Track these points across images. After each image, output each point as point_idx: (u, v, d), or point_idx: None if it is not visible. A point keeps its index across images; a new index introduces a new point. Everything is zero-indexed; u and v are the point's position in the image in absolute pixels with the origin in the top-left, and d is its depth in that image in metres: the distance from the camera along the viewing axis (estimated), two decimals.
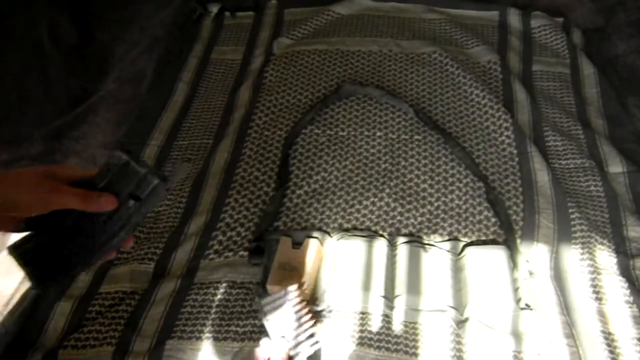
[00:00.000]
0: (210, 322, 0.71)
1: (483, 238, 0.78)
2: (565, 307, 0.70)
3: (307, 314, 0.66)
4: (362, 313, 0.71)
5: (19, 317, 0.74)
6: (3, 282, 0.78)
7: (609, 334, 0.68)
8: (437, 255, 0.76)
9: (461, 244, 0.77)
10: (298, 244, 0.76)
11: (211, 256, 0.79)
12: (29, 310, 0.75)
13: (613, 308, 0.70)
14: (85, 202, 0.45)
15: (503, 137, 0.91)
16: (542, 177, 0.84)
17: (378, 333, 0.69)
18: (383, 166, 0.88)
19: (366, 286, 0.72)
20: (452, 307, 0.70)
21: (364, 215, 0.81)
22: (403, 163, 0.88)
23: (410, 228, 0.80)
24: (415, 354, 0.67)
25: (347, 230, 0.80)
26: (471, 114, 0.95)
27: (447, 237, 0.78)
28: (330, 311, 0.71)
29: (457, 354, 0.66)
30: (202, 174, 0.90)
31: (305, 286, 0.71)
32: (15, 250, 0.46)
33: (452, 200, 0.83)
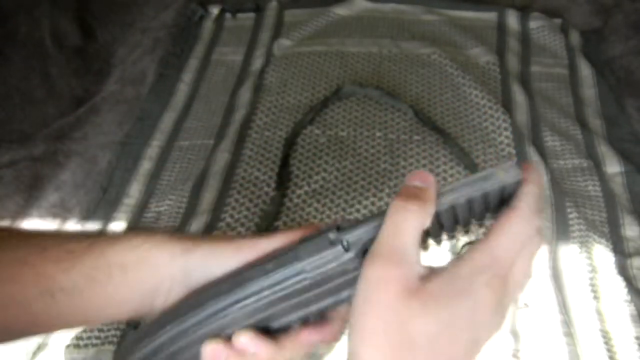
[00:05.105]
0: None
1: (482, 237, 0.78)
2: (564, 306, 0.71)
3: None
4: None
5: None
6: None
7: (607, 332, 0.68)
8: (436, 254, 0.76)
9: (460, 243, 0.78)
10: None
11: None
12: None
13: (611, 307, 0.70)
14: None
15: (502, 138, 0.91)
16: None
17: None
18: (382, 166, 0.88)
19: None
20: None
21: (364, 215, 0.82)
22: (402, 163, 0.89)
23: None
24: None
25: None
26: (470, 115, 0.96)
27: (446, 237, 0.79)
28: None
29: None
30: (202, 174, 0.90)
31: None
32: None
33: None
